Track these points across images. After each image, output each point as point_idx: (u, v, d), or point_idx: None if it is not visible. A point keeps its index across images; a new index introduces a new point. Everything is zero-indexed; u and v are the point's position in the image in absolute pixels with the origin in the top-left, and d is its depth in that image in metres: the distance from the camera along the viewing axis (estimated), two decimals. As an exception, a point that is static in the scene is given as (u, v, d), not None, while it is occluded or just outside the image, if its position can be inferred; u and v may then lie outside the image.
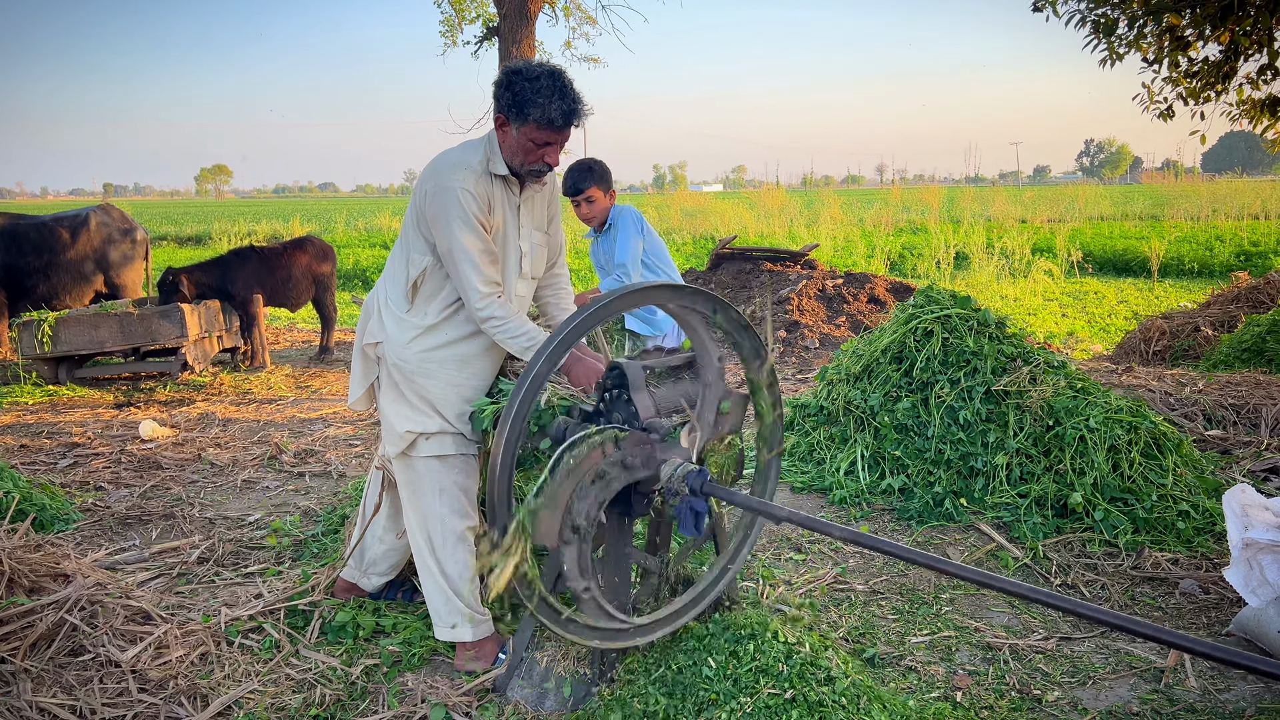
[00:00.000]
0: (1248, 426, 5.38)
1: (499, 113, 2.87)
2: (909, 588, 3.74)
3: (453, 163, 2.88)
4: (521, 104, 2.80)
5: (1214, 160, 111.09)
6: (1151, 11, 6.83)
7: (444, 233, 2.83)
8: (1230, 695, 2.90)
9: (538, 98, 2.78)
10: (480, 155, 2.91)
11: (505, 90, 2.82)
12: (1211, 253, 17.42)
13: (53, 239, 9.08)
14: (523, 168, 2.92)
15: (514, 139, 2.88)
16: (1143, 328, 8.91)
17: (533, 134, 2.85)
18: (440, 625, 3.09)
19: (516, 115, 2.83)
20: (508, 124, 2.87)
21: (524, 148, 2.88)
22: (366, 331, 3.06)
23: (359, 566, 3.47)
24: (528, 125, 2.83)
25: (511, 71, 2.85)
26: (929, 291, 5.16)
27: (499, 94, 2.85)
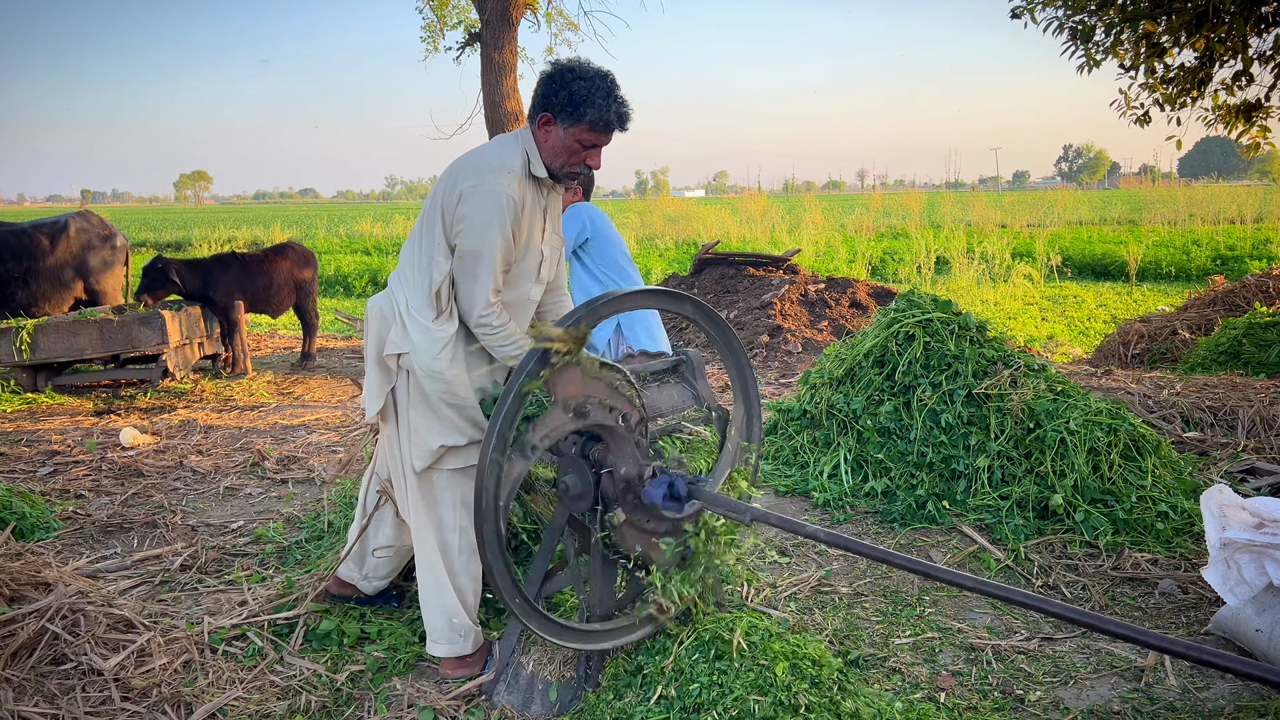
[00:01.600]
0: (1225, 428, 5.44)
1: (545, 110, 2.77)
2: (892, 590, 3.76)
3: (495, 164, 2.78)
4: (578, 103, 2.73)
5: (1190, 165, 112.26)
6: (1128, 18, 6.91)
7: (475, 235, 2.74)
8: (1210, 694, 2.93)
9: (595, 98, 2.72)
10: (520, 157, 2.82)
11: (561, 88, 2.73)
12: (1188, 257, 17.61)
13: (32, 245, 9.00)
14: (562, 169, 2.85)
15: (559, 139, 2.80)
16: (1121, 331, 9.00)
17: (582, 135, 2.78)
18: (438, 642, 3.00)
19: (570, 115, 2.75)
20: (554, 123, 2.78)
21: (569, 149, 2.81)
22: (388, 342, 2.88)
23: (359, 570, 3.40)
24: (579, 126, 2.77)
25: (566, 69, 2.76)
26: (911, 296, 5.20)
27: (550, 91, 2.75)
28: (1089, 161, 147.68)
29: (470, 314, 2.82)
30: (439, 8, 11.14)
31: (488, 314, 2.80)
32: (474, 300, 2.79)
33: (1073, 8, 7.16)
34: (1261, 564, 3.02)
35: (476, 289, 2.78)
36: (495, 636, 3.22)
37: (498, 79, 9.44)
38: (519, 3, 9.52)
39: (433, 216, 2.83)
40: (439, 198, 2.82)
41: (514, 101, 9.54)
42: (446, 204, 2.79)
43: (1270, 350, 7.04)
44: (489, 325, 2.81)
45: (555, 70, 2.77)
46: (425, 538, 2.99)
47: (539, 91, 2.80)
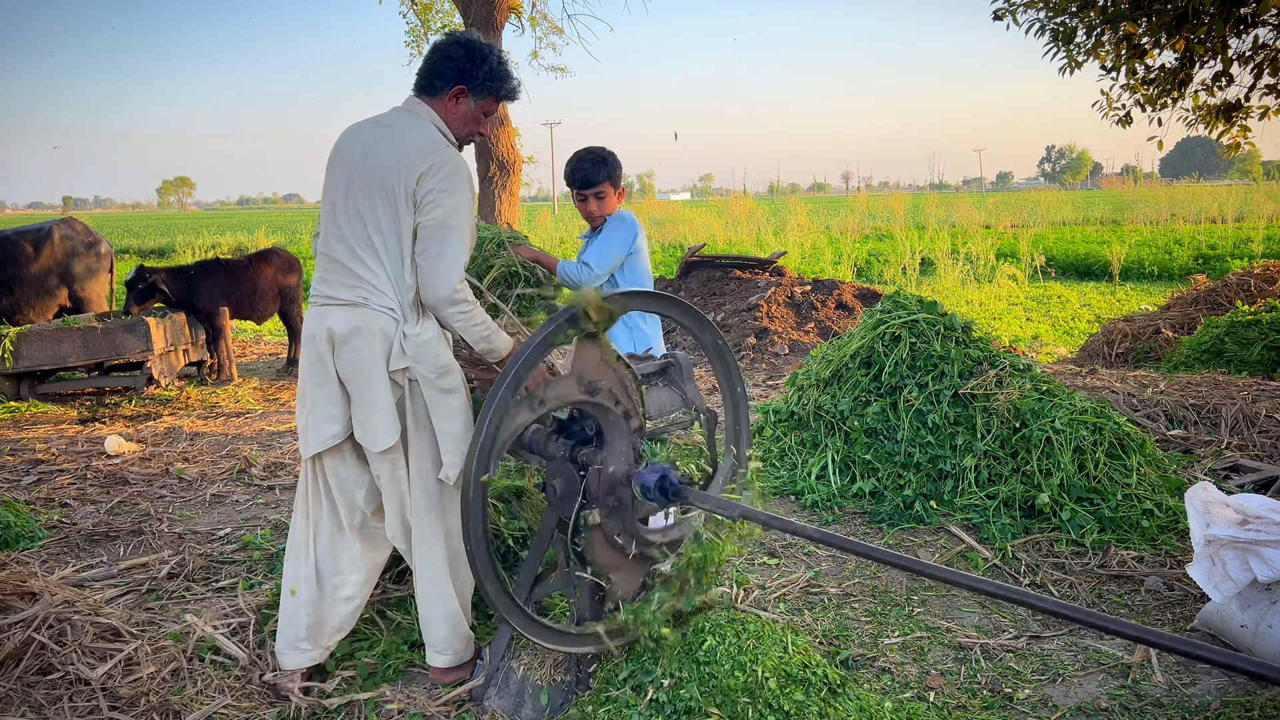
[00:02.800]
0: (1208, 426, 5.48)
1: (460, 83, 2.82)
2: (881, 590, 3.78)
3: (437, 139, 2.79)
4: (496, 77, 2.85)
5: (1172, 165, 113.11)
6: (1109, 20, 6.95)
7: (447, 206, 2.69)
8: (1196, 689, 2.95)
9: (507, 72, 2.88)
10: (437, 130, 2.84)
11: (480, 63, 2.82)
12: (1171, 256, 17.74)
13: (15, 253, 8.94)
14: (464, 138, 2.93)
15: (469, 110, 2.88)
16: (1105, 330, 9.06)
17: (489, 106, 2.90)
18: (442, 653, 2.97)
19: (486, 88, 2.85)
20: (467, 95, 2.85)
21: (475, 119, 2.91)
22: (390, 358, 2.75)
23: (318, 642, 3.00)
24: (488, 99, 2.88)
25: (476, 45, 2.84)
26: (896, 297, 5.22)
27: (467, 65, 2.81)
28: (1072, 162, 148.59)
29: (442, 292, 2.69)
30: (423, 12, 11.14)
31: (462, 289, 2.71)
32: (450, 275, 2.68)
33: (1054, 10, 7.21)
34: (1246, 560, 3.04)
35: (452, 261, 2.69)
36: (485, 641, 3.22)
37: (482, 83, 9.44)
38: (503, 6, 9.52)
39: (388, 215, 2.71)
40: (387, 196, 2.70)
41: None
42: (404, 191, 2.70)
43: (1252, 348, 7.11)
44: (465, 302, 2.71)
45: (465, 45, 2.83)
46: (433, 548, 2.91)
47: (449, 65, 2.82)
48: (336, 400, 2.81)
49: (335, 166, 2.83)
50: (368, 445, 2.80)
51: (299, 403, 2.91)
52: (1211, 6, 6.28)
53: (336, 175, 2.81)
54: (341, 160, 2.82)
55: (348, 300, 2.77)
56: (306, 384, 2.85)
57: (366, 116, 2.95)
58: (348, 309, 2.77)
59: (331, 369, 2.79)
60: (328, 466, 2.91)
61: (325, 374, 2.80)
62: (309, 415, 2.84)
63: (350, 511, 2.96)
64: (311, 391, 2.83)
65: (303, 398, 2.88)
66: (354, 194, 2.75)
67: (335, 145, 2.88)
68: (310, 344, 2.83)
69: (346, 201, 2.76)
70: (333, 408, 2.81)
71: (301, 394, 2.89)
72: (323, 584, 2.97)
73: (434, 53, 2.86)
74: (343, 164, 2.80)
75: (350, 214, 2.76)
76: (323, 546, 2.96)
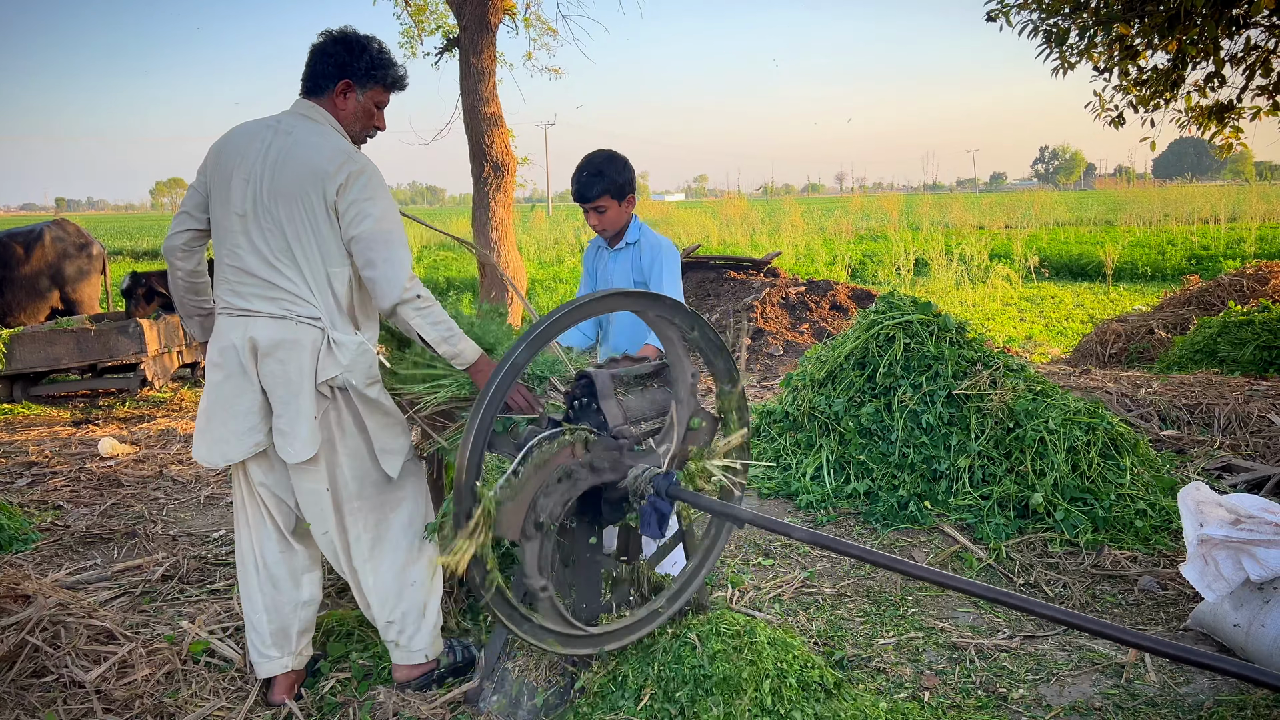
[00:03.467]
0: (1201, 426, 5.50)
1: (344, 77, 2.76)
2: (876, 590, 3.78)
3: (344, 145, 2.74)
4: (379, 65, 2.78)
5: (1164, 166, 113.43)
6: (1101, 21, 6.98)
7: (374, 212, 2.66)
8: (1189, 689, 2.97)
9: (390, 59, 2.80)
10: (338, 134, 2.78)
11: (360, 53, 2.76)
12: (1164, 257, 17.81)
13: (7, 255, 8.93)
14: (360, 136, 2.86)
15: (357, 104, 2.81)
16: (1099, 331, 9.09)
17: (379, 97, 2.84)
18: (418, 650, 2.96)
19: (369, 78, 2.78)
20: (353, 88, 2.78)
21: (367, 112, 2.84)
22: (319, 369, 2.69)
23: (286, 649, 2.96)
24: (375, 89, 2.81)
25: (350, 36, 2.78)
26: (890, 298, 5.23)
27: (347, 58, 2.75)
28: (1065, 163, 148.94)
29: (393, 292, 2.63)
30: (417, 14, 11.12)
31: (413, 284, 2.65)
32: (398, 277, 2.64)
33: (1047, 11, 7.23)
34: (1238, 560, 3.05)
35: (398, 262, 2.65)
36: (480, 641, 3.22)
37: (476, 84, 9.43)
38: (497, 8, 9.52)
39: (305, 226, 2.67)
40: (303, 206, 2.65)
41: (493, 106, 9.53)
42: (323, 202, 2.65)
43: (1245, 348, 7.13)
44: (420, 297, 2.65)
45: (339, 39, 2.77)
46: (393, 545, 2.90)
47: (330, 62, 2.76)
48: (257, 409, 2.74)
49: (234, 175, 2.70)
50: (287, 457, 2.73)
51: (207, 415, 2.78)
52: (1203, 8, 6.30)
53: (238, 184, 2.68)
54: (240, 168, 2.69)
55: (268, 312, 2.70)
56: (222, 395, 2.75)
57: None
58: (270, 320, 2.70)
59: (254, 378, 2.72)
60: (254, 475, 2.86)
61: (247, 383, 2.72)
62: (228, 426, 2.74)
63: (286, 516, 2.92)
64: (230, 402, 2.74)
65: (215, 409, 2.77)
66: (264, 204, 2.67)
67: (223, 150, 2.76)
68: (229, 354, 2.73)
69: (256, 212, 2.67)
70: (254, 417, 2.74)
71: (214, 405, 2.77)
72: (280, 591, 2.93)
73: (314, 54, 2.80)
74: (243, 173, 2.69)
75: (263, 225, 2.68)
76: (271, 554, 2.92)
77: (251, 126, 2.78)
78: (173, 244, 2.87)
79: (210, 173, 2.77)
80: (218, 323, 2.81)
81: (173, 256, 2.88)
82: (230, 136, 2.78)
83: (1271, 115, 7.33)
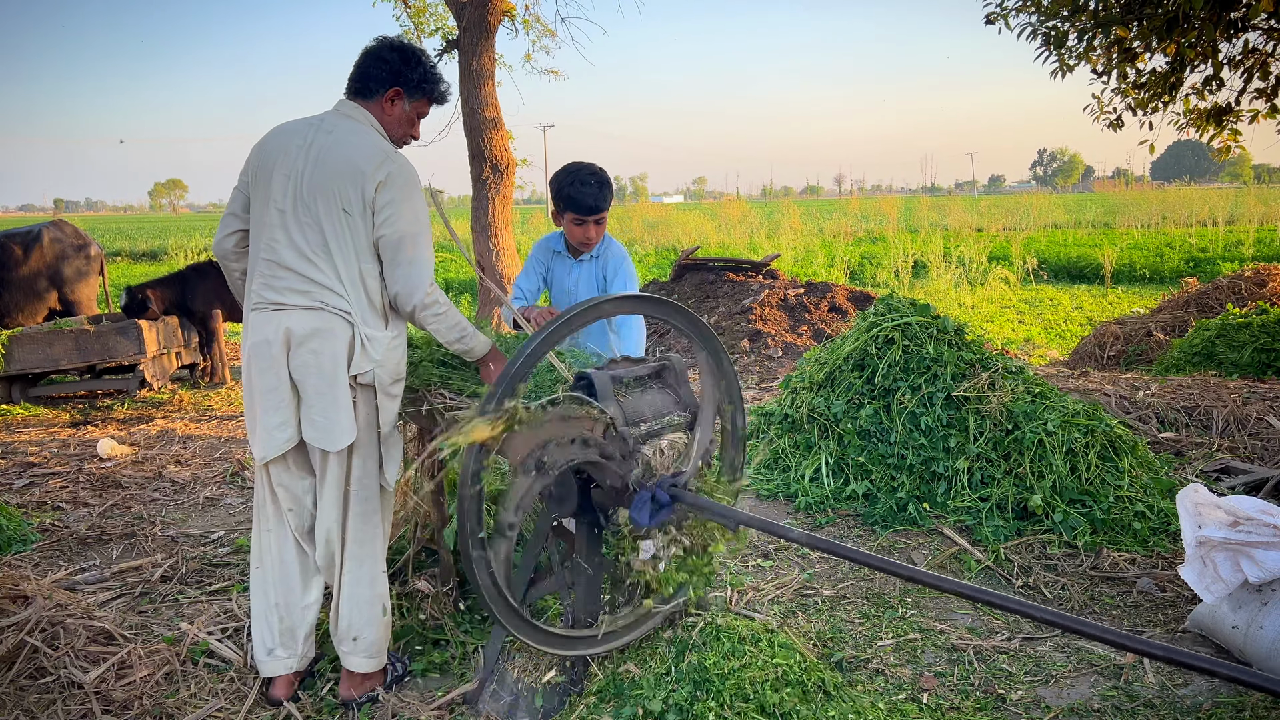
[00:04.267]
0: (1199, 428, 5.51)
1: (396, 85, 2.87)
2: (874, 592, 3.79)
3: (385, 145, 2.82)
4: (430, 79, 2.93)
5: (1163, 169, 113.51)
6: (1100, 24, 6.99)
7: (407, 214, 2.75)
8: (1187, 690, 2.97)
9: (437, 72, 2.96)
10: (380, 135, 2.87)
11: (416, 65, 2.89)
12: (1162, 259, 17.83)
13: (5, 256, 8.92)
14: (399, 141, 2.97)
15: (404, 112, 2.93)
16: (1097, 333, 9.10)
17: (422, 108, 2.97)
18: (373, 656, 2.95)
19: (419, 90, 2.92)
20: (402, 97, 2.90)
21: (409, 121, 2.96)
22: (354, 363, 2.77)
23: (294, 650, 3.00)
24: (422, 101, 2.95)
25: (407, 47, 2.91)
26: (889, 300, 5.24)
27: (402, 68, 2.87)
28: (1063, 165, 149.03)
29: (415, 296, 2.74)
30: (416, 15, 11.13)
31: (434, 291, 2.77)
32: (421, 278, 2.75)
33: (1046, 14, 7.24)
34: (1237, 561, 3.06)
35: (422, 265, 2.76)
36: (479, 645, 3.22)
37: (476, 86, 9.44)
38: (496, 10, 9.53)
39: (342, 222, 2.73)
40: (339, 200, 2.72)
41: (492, 108, 9.54)
42: (360, 199, 2.72)
43: (1243, 351, 7.14)
44: (438, 304, 2.77)
45: (396, 48, 2.89)
46: (372, 553, 2.94)
47: (384, 68, 2.86)
48: (286, 404, 2.78)
49: (275, 171, 2.77)
50: (326, 446, 2.77)
51: (250, 413, 2.85)
52: (1202, 11, 6.31)
53: (279, 180, 2.75)
54: (282, 165, 2.77)
55: (303, 305, 2.75)
56: (255, 391, 2.80)
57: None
58: (305, 312, 2.75)
59: (285, 371, 2.76)
60: (274, 475, 2.89)
61: (278, 378, 2.76)
62: (267, 420, 2.79)
63: (301, 518, 2.94)
64: (262, 398, 2.79)
65: (254, 405, 2.82)
66: (303, 200, 2.74)
67: (265, 148, 2.83)
68: (261, 349, 2.77)
69: (296, 207, 2.74)
70: (284, 412, 2.78)
71: (253, 401, 2.83)
72: (292, 591, 2.96)
73: (367, 56, 2.89)
74: (284, 169, 2.76)
75: (302, 220, 2.74)
76: (289, 554, 2.95)
77: (293, 125, 2.86)
78: (224, 248, 2.96)
79: (253, 171, 2.84)
80: (250, 320, 2.84)
81: (226, 260, 2.99)
82: (272, 134, 2.87)
83: (1269, 118, 7.35)
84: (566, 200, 3.59)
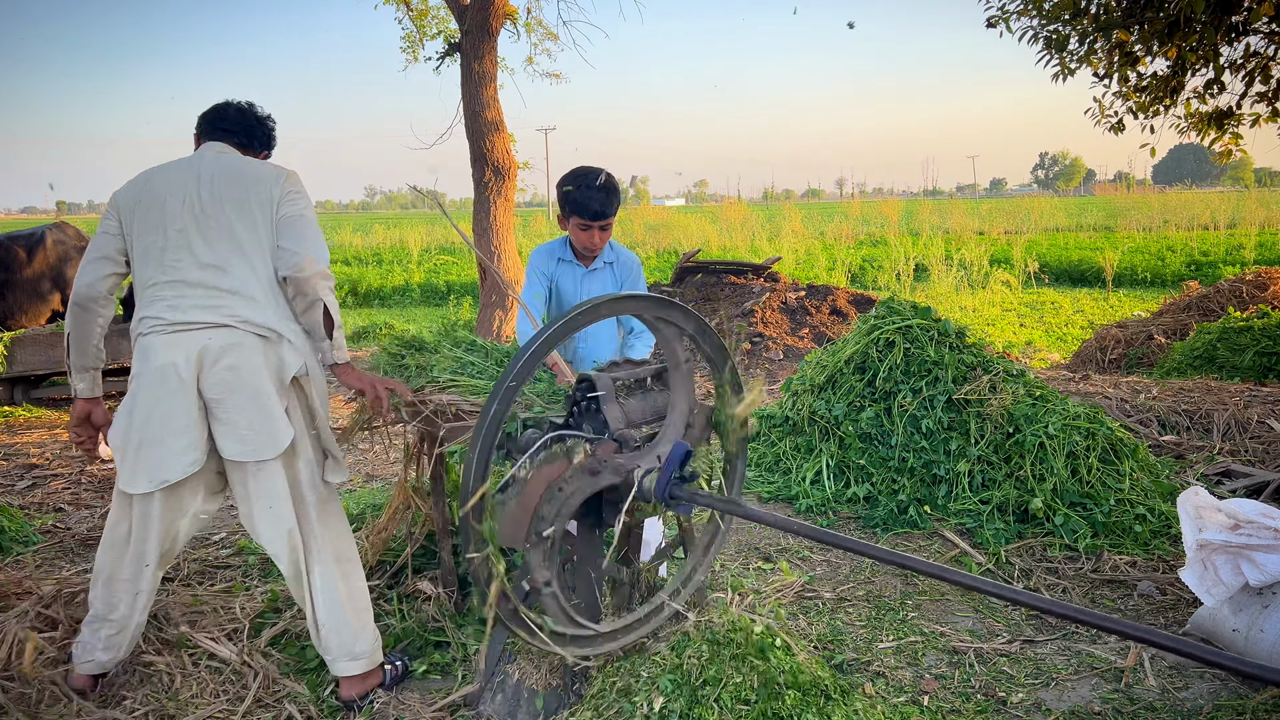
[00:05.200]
0: (1200, 431, 5.51)
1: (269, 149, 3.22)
2: (875, 594, 3.79)
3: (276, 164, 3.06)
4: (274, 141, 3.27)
5: (1164, 172, 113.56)
6: (1101, 28, 6.99)
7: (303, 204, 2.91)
8: (1188, 693, 2.97)
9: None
10: None
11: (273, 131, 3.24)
12: (1163, 263, 17.82)
13: (8, 258, 8.93)
14: None
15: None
16: (1098, 336, 9.10)
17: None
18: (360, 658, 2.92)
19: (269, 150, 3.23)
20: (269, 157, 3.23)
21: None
22: (286, 365, 2.78)
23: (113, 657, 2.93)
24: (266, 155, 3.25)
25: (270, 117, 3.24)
26: (890, 303, 5.24)
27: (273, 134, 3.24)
28: (1065, 169, 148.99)
29: (321, 262, 2.83)
30: (418, 18, 11.16)
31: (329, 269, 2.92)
32: (324, 252, 2.88)
33: (1047, 17, 7.24)
34: (1237, 564, 3.06)
35: (322, 245, 2.90)
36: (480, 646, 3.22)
37: (478, 88, 9.46)
38: (499, 13, 9.55)
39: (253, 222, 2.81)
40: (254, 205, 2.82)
41: (494, 111, 9.56)
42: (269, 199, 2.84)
43: (1244, 354, 7.14)
44: (332, 279, 2.88)
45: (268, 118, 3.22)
46: (338, 554, 2.92)
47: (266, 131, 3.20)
48: (195, 426, 2.71)
49: (168, 199, 2.80)
50: (262, 455, 2.73)
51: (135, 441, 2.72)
52: (1203, 14, 6.32)
53: (174, 205, 2.78)
54: (175, 193, 2.80)
55: (212, 321, 2.73)
56: (154, 416, 2.70)
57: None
58: (216, 330, 2.73)
59: (194, 393, 2.70)
60: (165, 499, 2.78)
61: (186, 400, 2.69)
62: (164, 446, 2.70)
63: (167, 540, 2.86)
64: (164, 423, 2.70)
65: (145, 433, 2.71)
66: (209, 213, 2.78)
67: (146, 184, 2.85)
68: (165, 373, 2.69)
69: (201, 222, 2.78)
70: (191, 434, 2.71)
71: (144, 429, 2.71)
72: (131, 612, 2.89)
73: (252, 118, 3.13)
74: (178, 195, 2.80)
75: (208, 233, 2.77)
76: (146, 580, 2.87)
77: (173, 163, 2.96)
78: (96, 292, 2.85)
79: (129, 210, 2.83)
80: (147, 344, 2.75)
81: (96, 305, 2.85)
82: (152, 173, 2.93)
83: (1271, 121, 7.34)
84: (573, 205, 3.56)
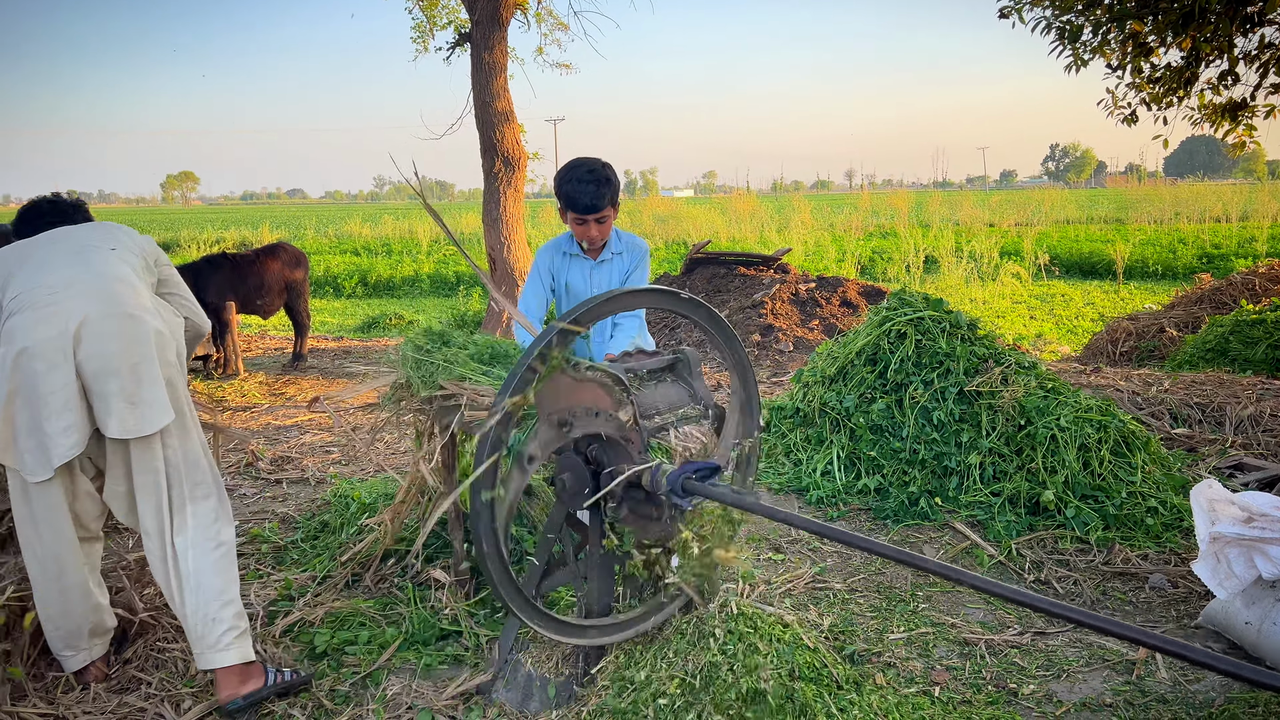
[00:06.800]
0: (1213, 424, 5.49)
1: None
2: (886, 586, 3.79)
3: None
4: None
5: (1176, 164, 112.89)
6: (1115, 18, 6.96)
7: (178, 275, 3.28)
8: (1200, 686, 2.97)
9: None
10: None
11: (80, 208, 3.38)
12: (1175, 255, 17.73)
13: None
14: None
15: None
16: (1109, 329, 9.06)
17: None
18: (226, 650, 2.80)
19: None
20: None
21: None
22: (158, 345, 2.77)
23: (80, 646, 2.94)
24: None
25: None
26: (902, 294, 5.23)
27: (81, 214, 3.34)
28: (1076, 161, 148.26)
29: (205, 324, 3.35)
30: (429, 8, 11.14)
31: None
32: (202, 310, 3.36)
33: (1060, 8, 7.21)
34: (1250, 558, 3.05)
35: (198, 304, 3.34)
36: (494, 636, 3.23)
37: (488, 79, 9.45)
38: (509, 3, 9.53)
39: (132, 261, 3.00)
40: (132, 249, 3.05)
41: (504, 101, 9.55)
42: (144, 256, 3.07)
43: (1257, 347, 7.11)
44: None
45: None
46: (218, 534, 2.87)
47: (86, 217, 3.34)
48: (74, 406, 2.63)
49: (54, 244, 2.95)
50: (145, 430, 2.68)
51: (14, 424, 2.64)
52: (1218, 5, 6.28)
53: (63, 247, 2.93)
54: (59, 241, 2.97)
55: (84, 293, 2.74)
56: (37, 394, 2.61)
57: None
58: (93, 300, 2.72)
59: (71, 370, 2.62)
60: (61, 481, 2.74)
61: (63, 378, 2.61)
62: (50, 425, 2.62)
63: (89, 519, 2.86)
64: (42, 405, 2.61)
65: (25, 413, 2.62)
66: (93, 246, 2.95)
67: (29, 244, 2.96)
68: (43, 348, 2.61)
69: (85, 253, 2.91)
70: (71, 414, 2.62)
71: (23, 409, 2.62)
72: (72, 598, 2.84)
73: (66, 205, 3.32)
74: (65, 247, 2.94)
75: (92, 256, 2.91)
76: (71, 561, 2.82)
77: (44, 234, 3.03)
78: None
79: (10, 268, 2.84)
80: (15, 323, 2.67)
81: None
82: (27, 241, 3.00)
83: (1285, 113, 7.30)
84: (565, 198, 3.51)
